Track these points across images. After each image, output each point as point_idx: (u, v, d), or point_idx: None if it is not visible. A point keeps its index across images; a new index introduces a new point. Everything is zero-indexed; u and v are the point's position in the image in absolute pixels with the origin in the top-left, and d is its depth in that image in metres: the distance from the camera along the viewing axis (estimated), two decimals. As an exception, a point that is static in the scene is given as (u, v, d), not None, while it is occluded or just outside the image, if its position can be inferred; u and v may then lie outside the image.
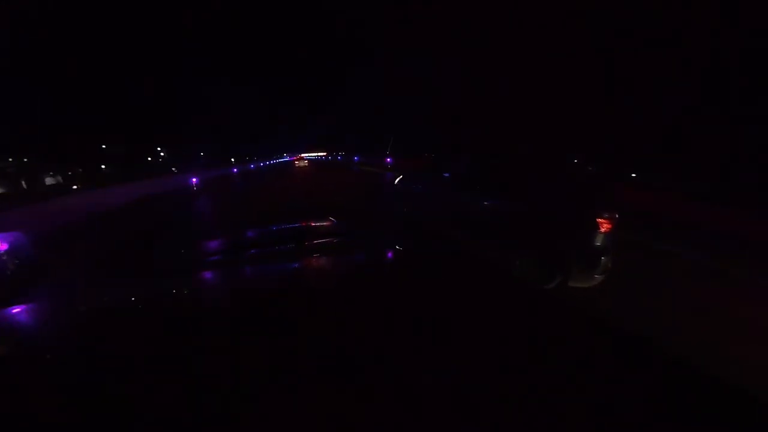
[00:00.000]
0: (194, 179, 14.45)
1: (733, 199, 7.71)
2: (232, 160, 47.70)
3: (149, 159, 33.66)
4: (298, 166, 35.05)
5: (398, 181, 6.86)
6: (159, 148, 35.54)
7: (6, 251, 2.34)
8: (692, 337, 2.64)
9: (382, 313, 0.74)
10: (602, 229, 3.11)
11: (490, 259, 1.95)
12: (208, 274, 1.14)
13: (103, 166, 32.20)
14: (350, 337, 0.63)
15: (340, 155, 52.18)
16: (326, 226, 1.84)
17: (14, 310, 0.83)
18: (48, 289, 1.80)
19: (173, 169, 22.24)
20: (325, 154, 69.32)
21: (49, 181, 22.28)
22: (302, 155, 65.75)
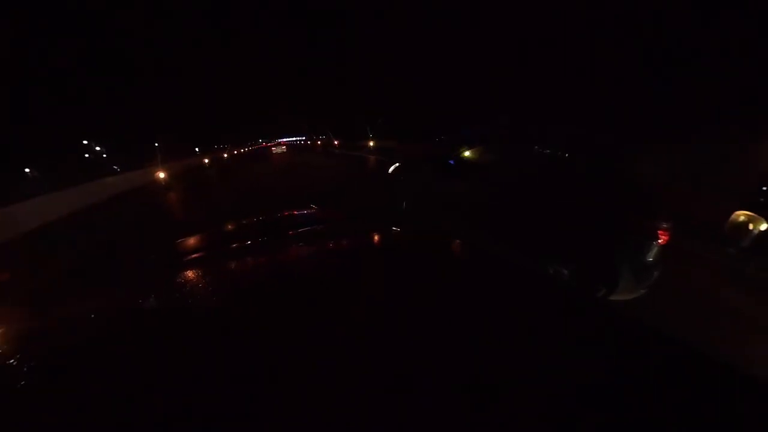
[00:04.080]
0: None
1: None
2: (197, 150, 40.73)
3: (86, 156, 27.15)
4: (276, 153, 32.41)
5: (393, 170, 6.13)
6: (86, 141, 27.97)
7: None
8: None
9: (372, 303, 0.70)
10: (661, 241, 2.83)
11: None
12: (190, 273, 1.01)
13: (27, 170, 25.92)
14: (342, 330, 0.60)
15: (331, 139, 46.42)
16: (308, 214, 1.78)
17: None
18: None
19: (115, 167, 16.99)
20: (305, 138, 64.55)
21: None
22: (280, 140, 61.78)
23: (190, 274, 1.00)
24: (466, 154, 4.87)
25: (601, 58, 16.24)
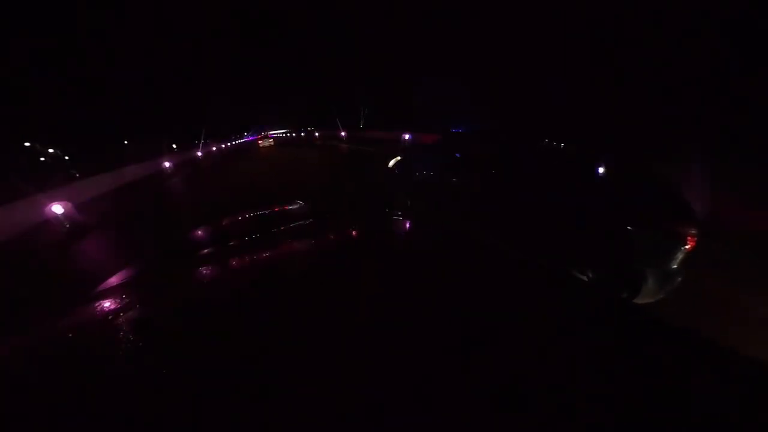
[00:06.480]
0: None
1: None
2: (174, 146, 37.29)
3: (42, 160, 24.43)
4: (263, 146, 32.15)
5: (395, 164, 5.65)
6: (28, 143, 23.30)
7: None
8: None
9: (366, 300, 0.70)
10: (688, 247, 2.61)
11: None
12: (181, 276, 1.02)
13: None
14: (338, 329, 0.60)
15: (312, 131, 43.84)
16: (296, 210, 1.75)
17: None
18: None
19: (73, 172, 15.36)
20: (289, 131, 62.62)
21: None
22: (268, 133, 59.82)
23: (181, 276, 0.99)
24: (476, 147, 4.48)
25: (599, 58, 15.57)
